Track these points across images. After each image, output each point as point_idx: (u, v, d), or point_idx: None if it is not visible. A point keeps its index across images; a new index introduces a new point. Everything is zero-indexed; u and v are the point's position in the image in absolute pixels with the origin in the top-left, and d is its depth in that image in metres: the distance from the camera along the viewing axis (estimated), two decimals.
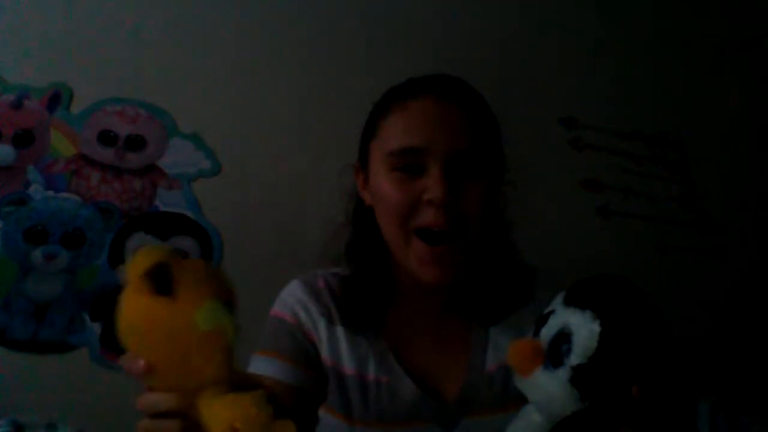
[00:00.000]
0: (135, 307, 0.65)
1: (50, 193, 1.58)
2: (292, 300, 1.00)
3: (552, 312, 0.72)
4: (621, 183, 1.95)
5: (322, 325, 0.98)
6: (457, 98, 0.94)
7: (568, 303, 0.71)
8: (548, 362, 0.68)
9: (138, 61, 1.73)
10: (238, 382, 0.66)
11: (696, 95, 2.08)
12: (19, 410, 1.42)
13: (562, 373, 0.66)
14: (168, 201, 1.64)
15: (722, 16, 2.15)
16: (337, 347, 0.97)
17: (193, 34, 1.79)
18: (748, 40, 2.13)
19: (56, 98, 1.65)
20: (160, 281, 0.63)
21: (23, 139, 1.60)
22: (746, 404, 1.54)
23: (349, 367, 0.96)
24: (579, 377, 0.65)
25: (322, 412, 0.95)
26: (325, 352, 0.96)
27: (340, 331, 0.98)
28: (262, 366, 0.93)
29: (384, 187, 0.92)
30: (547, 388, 0.67)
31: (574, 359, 0.66)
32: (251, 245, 1.65)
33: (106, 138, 1.65)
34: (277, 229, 1.67)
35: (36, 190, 1.58)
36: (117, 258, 1.56)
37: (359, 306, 0.99)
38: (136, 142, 1.66)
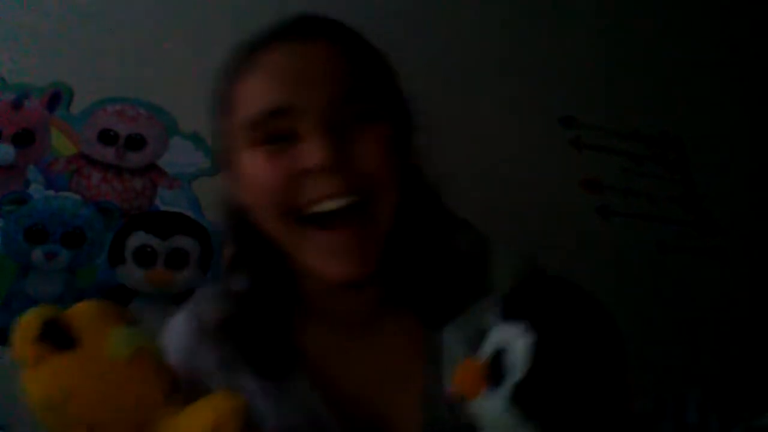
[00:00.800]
0: (44, 377, 0.59)
1: (50, 192, 1.58)
2: (176, 348, 0.75)
3: (491, 327, 0.64)
4: (621, 183, 1.95)
5: (220, 378, 0.72)
6: (323, 35, 0.73)
7: (505, 315, 0.63)
8: (491, 383, 0.60)
9: (138, 61, 1.73)
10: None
11: (696, 95, 2.08)
12: (19, 410, 1.42)
13: (503, 393, 0.59)
14: (168, 200, 1.64)
15: (722, 14, 2.15)
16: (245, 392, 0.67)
17: (194, 34, 1.79)
18: (748, 39, 2.13)
19: (56, 97, 1.65)
20: (58, 337, 0.58)
21: (23, 139, 1.60)
22: (744, 400, 1.54)
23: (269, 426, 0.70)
24: (519, 395, 0.58)
25: None
26: None
27: (245, 380, 0.73)
28: None
29: (250, 170, 0.69)
30: (491, 410, 0.60)
31: (513, 376, 0.59)
32: None
33: (107, 137, 1.65)
34: None
35: (36, 190, 1.57)
36: (117, 257, 1.56)
37: (267, 340, 0.74)
38: (136, 142, 1.66)
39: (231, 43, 1.86)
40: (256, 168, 0.68)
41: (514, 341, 0.60)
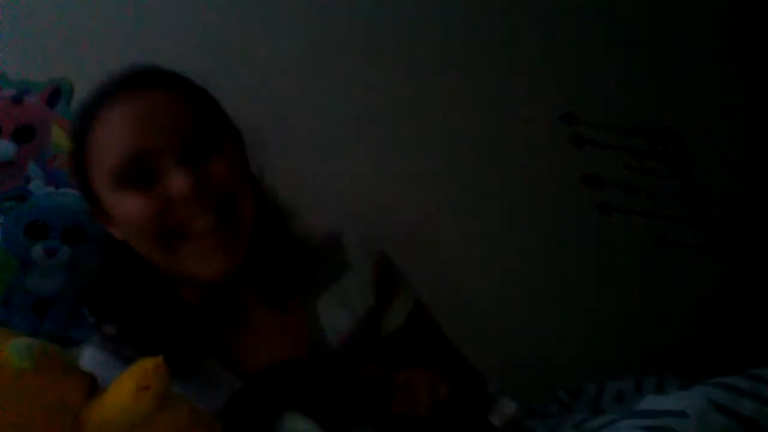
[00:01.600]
0: None
1: (51, 188, 1.58)
2: (91, 365, 0.80)
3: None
4: (621, 179, 1.95)
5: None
6: (161, 83, 0.87)
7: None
8: None
9: (138, 56, 1.73)
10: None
11: (696, 91, 2.08)
12: None
13: None
14: None
15: (723, 10, 2.14)
16: None
17: (193, 30, 1.79)
18: (749, 34, 2.13)
19: (57, 93, 1.64)
20: None
21: (23, 135, 1.60)
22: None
23: None
24: None
25: None
26: None
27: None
28: None
29: (125, 208, 0.81)
30: None
31: None
32: None
33: None
34: None
35: (36, 186, 1.57)
36: None
37: (163, 339, 0.84)
38: None
39: (230, 39, 1.86)
40: (129, 205, 0.80)
41: None
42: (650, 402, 0.75)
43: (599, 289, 1.84)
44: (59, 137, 1.63)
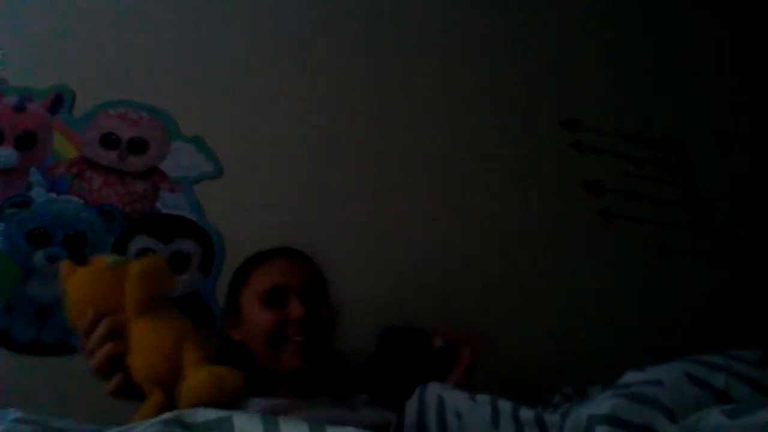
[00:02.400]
0: (64, 288, 0.91)
1: (52, 195, 1.58)
2: None
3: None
4: (623, 186, 1.95)
5: None
6: (299, 256, 1.41)
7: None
8: None
9: (140, 64, 1.74)
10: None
11: (698, 98, 2.08)
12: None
13: None
14: (170, 204, 1.64)
15: (724, 18, 2.15)
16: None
17: (195, 37, 1.80)
18: (751, 43, 2.13)
19: (59, 101, 1.65)
20: (77, 258, 0.91)
21: (25, 142, 1.60)
22: None
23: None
24: None
25: None
26: None
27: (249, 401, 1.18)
28: None
29: (257, 316, 1.30)
30: None
31: None
32: (253, 248, 1.65)
33: (109, 141, 1.65)
34: (278, 232, 1.67)
35: (38, 193, 1.58)
36: None
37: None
38: (138, 145, 1.66)
39: (233, 46, 1.87)
40: (261, 317, 1.30)
41: None
42: (630, 375, 0.81)
43: (600, 294, 1.84)
44: (61, 144, 1.63)
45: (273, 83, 1.81)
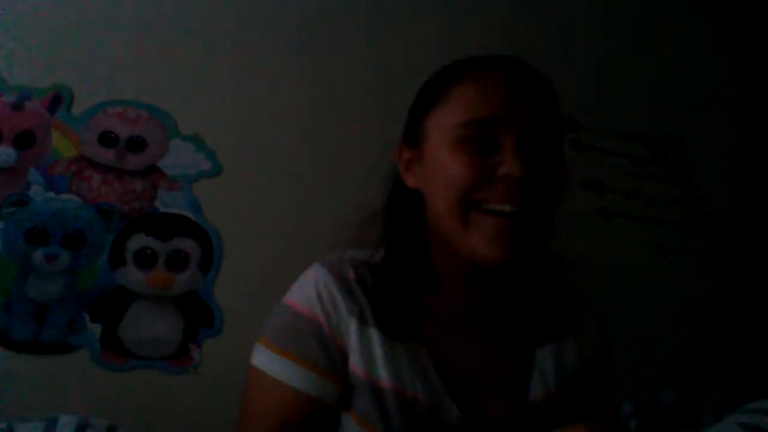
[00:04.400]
0: None
1: (51, 194, 1.58)
2: (318, 292, 0.86)
3: None
4: (622, 185, 1.95)
5: (353, 326, 0.85)
6: (531, 76, 0.91)
7: None
8: None
9: (139, 63, 1.73)
10: None
11: (697, 97, 2.08)
12: (19, 411, 1.42)
13: None
14: (168, 202, 1.64)
15: (723, 17, 2.15)
16: (372, 354, 0.85)
17: (194, 36, 1.80)
18: (750, 42, 2.13)
19: (57, 99, 1.65)
20: None
21: (24, 141, 1.60)
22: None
23: (386, 379, 0.84)
24: None
25: (351, 423, 0.84)
26: (356, 360, 0.84)
27: (374, 333, 0.85)
28: (279, 369, 0.82)
29: (447, 160, 0.83)
30: None
31: None
32: (251, 246, 1.65)
33: (107, 139, 1.65)
34: (278, 231, 1.67)
35: (37, 191, 1.58)
36: (118, 259, 1.56)
37: (397, 303, 0.87)
38: (136, 144, 1.66)
39: (232, 45, 1.87)
40: (456, 161, 0.82)
41: None
42: None
43: (599, 293, 1.84)
44: (59, 143, 1.63)
45: (272, 82, 1.80)
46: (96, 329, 1.53)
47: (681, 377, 1.73)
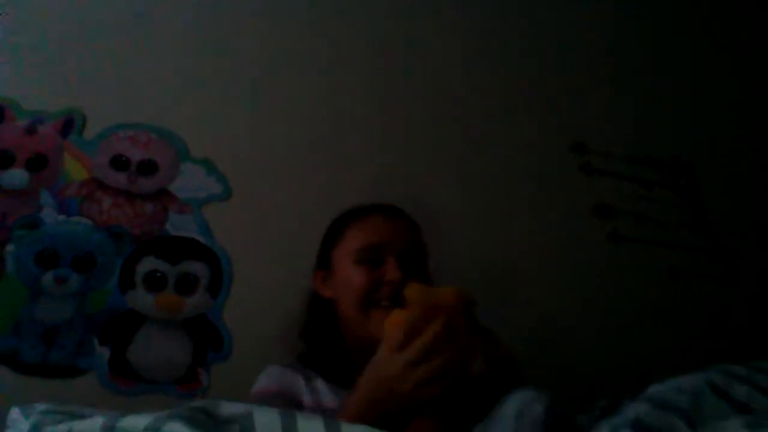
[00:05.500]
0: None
1: (62, 216, 1.59)
2: (273, 375, 1.25)
3: None
4: (632, 208, 1.95)
5: (301, 381, 1.23)
6: (401, 216, 1.33)
7: None
8: None
9: (150, 87, 1.75)
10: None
11: (707, 120, 2.08)
12: None
13: None
14: (179, 225, 1.65)
15: (737, 40, 2.15)
16: (317, 391, 1.22)
17: (205, 60, 1.81)
18: (762, 65, 2.13)
19: (69, 123, 1.66)
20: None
21: (36, 164, 1.62)
22: None
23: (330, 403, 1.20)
24: None
25: None
26: (306, 399, 1.20)
27: (319, 381, 1.24)
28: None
29: (350, 275, 1.24)
30: None
31: None
32: (261, 270, 1.65)
33: (119, 163, 1.66)
34: (287, 254, 1.67)
35: (48, 214, 1.58)
36: (128, 282, 1.57)
37: (329, 362, 1.26)
38: (148, 167, 1.67)
39: (243, 69, 1.88)
40: (355, 276, 1.23)
41: None
42: (654, 386, 0.84)
43: (610, 317, 1.82)
44: (71, 166, 1.64)
45: (283, 106, 1.82)
46: (105, 352, 1.53)
47: None
